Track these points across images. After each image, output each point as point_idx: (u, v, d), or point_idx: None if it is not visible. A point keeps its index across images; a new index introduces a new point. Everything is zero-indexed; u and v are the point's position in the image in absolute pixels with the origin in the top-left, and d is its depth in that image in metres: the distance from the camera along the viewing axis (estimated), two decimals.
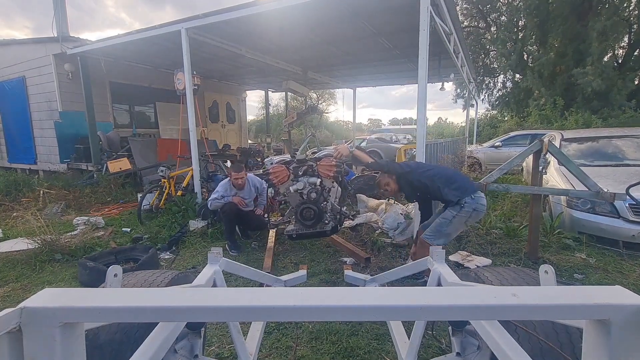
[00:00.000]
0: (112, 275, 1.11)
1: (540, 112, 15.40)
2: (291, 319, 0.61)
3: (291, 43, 6.81)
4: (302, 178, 3.15)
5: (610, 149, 5.44)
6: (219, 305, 0.60)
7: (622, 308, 0.55)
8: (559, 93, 15.79)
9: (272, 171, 3.13)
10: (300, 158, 3.35)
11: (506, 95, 20.12)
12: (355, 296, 0.62)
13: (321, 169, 3.16)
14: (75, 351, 0.59)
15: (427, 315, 0.67)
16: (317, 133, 26.29)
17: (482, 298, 0.62)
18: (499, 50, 18.52)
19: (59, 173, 8.80)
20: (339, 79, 11.27)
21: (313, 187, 3.10)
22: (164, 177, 5.24)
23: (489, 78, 21.46)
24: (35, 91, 9.14)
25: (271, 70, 9.45)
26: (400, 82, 11.69)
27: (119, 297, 0.62)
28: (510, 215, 4.93)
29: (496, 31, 19.53)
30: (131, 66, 9.42)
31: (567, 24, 15.75)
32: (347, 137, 24.41)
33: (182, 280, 1.42)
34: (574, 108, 14.50)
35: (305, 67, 9.08)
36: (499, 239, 4.10)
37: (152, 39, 6.10)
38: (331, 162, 3.12)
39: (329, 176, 3.12)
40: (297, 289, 0.70)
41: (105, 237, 4.43)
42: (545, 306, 0.59)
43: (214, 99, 12.79)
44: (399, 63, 8.53)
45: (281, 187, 3.21)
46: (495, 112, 20.97)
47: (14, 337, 0.54)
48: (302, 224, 3.12)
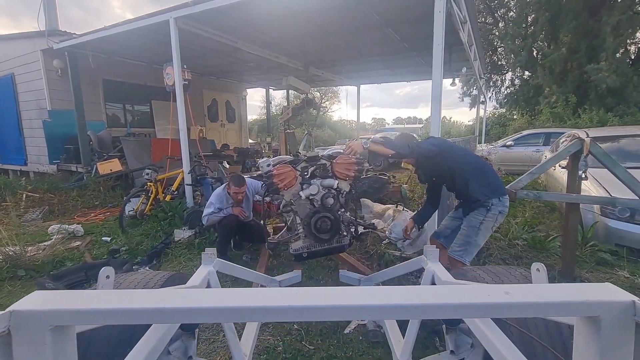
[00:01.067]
0: (104, 276, 1.08)
1: (551, 110, 14.81)
2: (286, 319, 0.60)
3: (290, 35, 6.33)
4: (314, 181, 2.51)
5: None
6: (213, 306, 0.60)
7: (612, 305, 0.55)
8: (571, 90, 15.20)
9: (276, 173, 2.41)
10: (312, 155, 2.65)
11: (514, 93, 19.51)
12: (350, 295, 0.62)
13: (338, 169, 2.50)
14: (67, 354, 0.58)
15: (421, 313, 0.67)
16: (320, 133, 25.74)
17: (476, 296, 0.61)
18: (507, 46, 17.92)
19: (48, 175, 8.40)
20: (342, 76, 10.77)
21: (329, 192, 2.49)
22: (150, 181, 4.77)
23: (496, 75, 20.86)
24: (24, 89, 8.74)
25: (271, 66, 8.98)
26: (407, 78, 11.15)
27: (111, 298, 0.61)
28: (533, 223, 4.42)
29: (504, 27, 18.93)
30: (125, 63, 9.00)
31: (579, 19, 15.16)
32: (350, 137, 23.93)
33: (177, 280, 1.41)
34: (587, 105, 13.91)
35: (307, 62, 8.60)
36: (523, 251, 3.60)
37: (139, 31, 5.65)
38: (351, 160, 2.47)
39: (348, 177, 2.50)
40: (292, 289, 0.71)
41: (82, 248, 3.98)
42: (537, 304, 0.58)
43: (213, 97, 12.35)
44: (406, 57, 8.02)
45: (286, 192, 2.48)
46: (504, 110, 20.35)
47: (3, 341, 0.53)
48: (316, 238, 2.46)
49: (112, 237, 4.33)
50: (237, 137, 13.43)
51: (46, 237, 4.42)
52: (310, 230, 2.43)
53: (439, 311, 0.63)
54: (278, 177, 2.41)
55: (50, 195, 6.49)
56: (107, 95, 9.46)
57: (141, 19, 5.37)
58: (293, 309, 0.59)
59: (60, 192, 6.59)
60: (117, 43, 6.92)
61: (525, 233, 3.91)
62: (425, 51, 7.34)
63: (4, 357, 0.54)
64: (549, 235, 3.89)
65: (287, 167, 2.46)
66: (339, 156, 2.53)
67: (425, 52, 7.54)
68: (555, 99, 15.29)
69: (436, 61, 3.21)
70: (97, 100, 9.15)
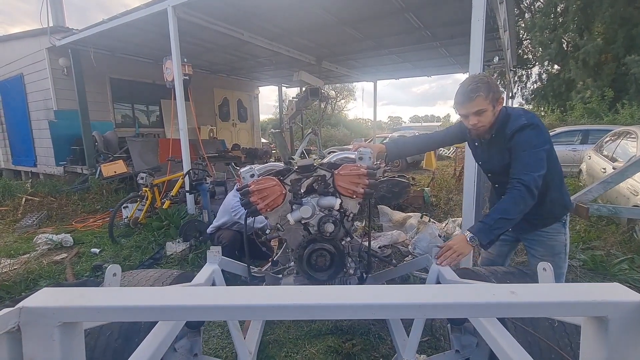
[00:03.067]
0: (111, 274, 1.10)
1: (585, 105, 13.73)
2: (290, 317, 0.59)
3: (301, 25, 5.80)
4: (308, 199, 1.75)
5: None
6: (218, 304, 0.60)
7: (620, 305, 0.55)
8: (607, 84, 14.06)
9: (254, 188, 1.68)
10: (304, 163, 1.80)
11: (542, 88, 18.36)
12: (354, 294, 0.62)
13: (342, 182, 1.70)
14: (75, 350, 0.59)
15: (426, 312, 0.65)
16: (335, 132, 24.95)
17: (481, 296, 0.60)
18: (535, 38, 16.82)
19: (56, 177, 8.19)
20: (358, 71, 10.15)
21: (329, 215, 1.73)
22: (146, 186, 4.33)
23: (522, 70, 19.71)
24: (32, 89, 8.56)
25: (282, 61, 8.48)
26: (428, 72, 10.40)
27: (118, 296, 0.62)
28: (588, 238, 3.70)
29: (531, 18, 17.81)
30: (131, 60, 8.71)
31: (615, 7, 13.99)
32: (366, 136, 23.24)
33: (184, 279, 1.45)
34: (625, 100, 12.77)
35: (320, 56, 8.04)
36: (582, 275, 2.92)
37: (139, 23, 5.25)
38: (359, 171, 1.67)
39: (355, 194, 1.69)
40: (296, 287, 0.71)
41: (66, 262, 3.57)
42: (543, 303, 0.58)
43: (224, 95, 11.97)
44: (428, 49, 7.34)
45: (271, 215, 1.76)
46: (531, 106, 19.19)
47: (13, 337, 0.54)
48: (310, 276, 1.76)
49: (102, 248, 3.91)
50: (248, 137, 13.03)
51: (31, 248, 4.04)
52: (302, 266, 1.73)
53: (444, 310, 0.62)
54: (257, 194, 1.68)
55: (51, 198, 6.21)
56: (115, 94, 9.19)
57: (139, 9, 4.95)
58: (297, 307, 0.58)
59: (62, 195, 6.29)
60: (119, 38, 6.58)
61: (581, 251, 3.23)
62: (449, 40, 6.65)
63: (15, 352, 0.54)
64: (609, 254, 3.20)
65: (271, 181, 1.71)
66: (343, 165, 1.73)
67: (449, 42, 6.85)
68: (590, 93, 14.19)
69: (475, 40, 2.60)
70: (104, 100, 8.89)
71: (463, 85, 1.64)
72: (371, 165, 1.72)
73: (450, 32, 6.09)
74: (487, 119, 1.63)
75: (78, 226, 5.16)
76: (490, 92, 1.59)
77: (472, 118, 1.64)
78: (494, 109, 1.62)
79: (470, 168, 2.75)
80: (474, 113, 1.62)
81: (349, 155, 1.95)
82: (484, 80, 1.61)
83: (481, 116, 1.62)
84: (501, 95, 1.67)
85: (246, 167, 1.79)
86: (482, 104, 1.59)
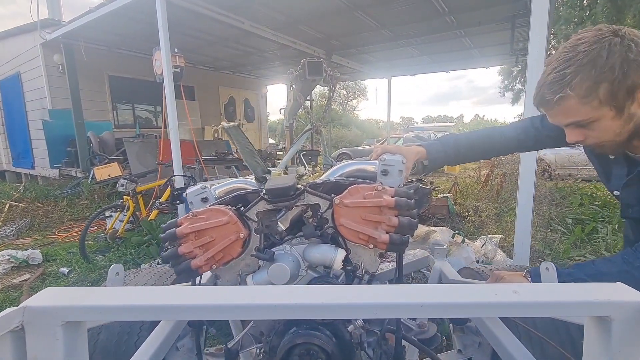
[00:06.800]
0: (114, 273, 1.05)
1: None
2: (292, 316, 0.58)
3: (307, 11, 5.16)
4: (286, 248, 0.96)
5: None
6: (220, 303, 0.58)
7: (624, 305, 0.52)
8: None
9: (188, 229, 0.86)
10: (277, 185, 0.93)
11: None
12: (355, 293, 0.60)
13: (347, 220, 0.88)
14: (78, 350, 0.58)
15: (427, 312, 0.64)
16: (346, 132, 24.11)
17: (483, 295, 0.58)
18: (561, 32, 15.73)
19: (51, 180, 7.78)
20: (371, 66, 9.45)
21: (324, 277, 0.96)
22: (127, 194, 3.76)
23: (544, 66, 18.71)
24: (29, 88, 8.19)
25: (288, 55, 7.87)
26: (447, 67, 9.61)
27: (120, 295, 0.60)
28: None
29: (556, 10, 16.77)
30: (130, 57, 8.23)
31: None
32: (379, 136, 22.46)
33: None
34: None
35: (330, 49, 7.39)
36: None
37: (126, 11, 4.73)
38: (381, 198, 0.85)
39: (373, 243, 0.88)
40: (298, 287, 0.71)
41: (26, 286, 3.01)
42: (546, 303, 0.55)
43: (230, 94, 11.46)
44: (451, 39, 6.60)
45: (224, 273, 0.94)
46: None
47: (17, 336, 0.53)
48: None
49: (71, 268, 3.35)
50: (256, 137, 12.48)
51: None
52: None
53: (446, 310, 0.59)
54: (194, 239, 0.87)
55: (38, 204, 5.73)
56: (114, 93, 8.75)
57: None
58: (299, 306, 0.56)
59: (50, 201, 5.82)
60: (112, 31, 6.09)
61: None
62: (476, 29, 5.93)
63: (18, 351, 0.53)
64: None
65: (220, 214, 0.89)
66: (352, 188, 0.90)
67: (474, 31, 6.12)
68: None
69: (538, 18, 1.91)
70: (102, 99, 8.45)
71: (544, 72, 0.88)
72: (403, 188, 0.92)
73: (478, 18, 5.36)
74: (602, 131, 0.85)
75: (60, 237, 4.65)
76: (602, 83, 0.78)
77: (571, 132, 0.90)
78: (617, 112, 0.81)
79: (528, 177, 2.06)
80: (566, 125, 0.89)
81: (367, 166, 1.11)
82: (588, 58, 0.78)
83: (588, 129, 0.86)
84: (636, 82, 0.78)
85: (196, 185, 1.15)
86: (578, 110, 0.82)
